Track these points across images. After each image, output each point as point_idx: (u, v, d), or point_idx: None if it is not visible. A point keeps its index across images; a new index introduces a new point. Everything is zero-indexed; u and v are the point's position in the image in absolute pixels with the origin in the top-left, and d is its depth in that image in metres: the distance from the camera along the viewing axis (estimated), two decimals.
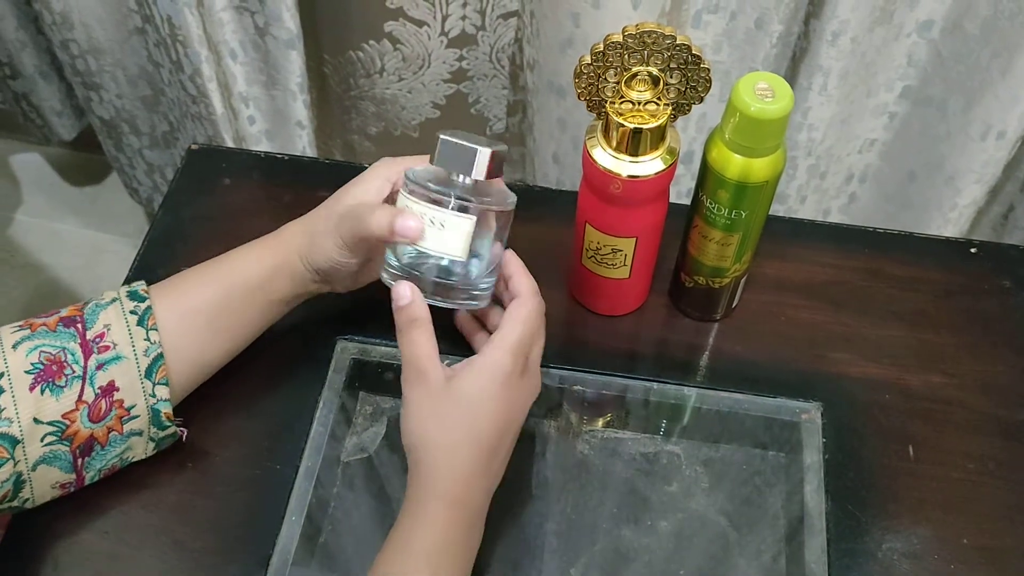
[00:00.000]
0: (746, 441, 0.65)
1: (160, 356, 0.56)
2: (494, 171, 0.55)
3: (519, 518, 0.61)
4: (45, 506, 0.57)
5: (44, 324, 0.56)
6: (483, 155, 0.54)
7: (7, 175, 1.60)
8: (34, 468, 0.54)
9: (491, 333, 0.58)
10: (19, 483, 0.54)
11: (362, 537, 0.61)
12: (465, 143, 0.54)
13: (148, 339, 0.56)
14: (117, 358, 0.55)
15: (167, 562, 0.58)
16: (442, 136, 0.54)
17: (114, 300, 0.57)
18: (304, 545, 0.59)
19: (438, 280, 0.55)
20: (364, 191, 0.60)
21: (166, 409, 0.57)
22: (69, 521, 0.59)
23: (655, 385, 0.67)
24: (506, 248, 0.58)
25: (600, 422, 0.66)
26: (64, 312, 0.57)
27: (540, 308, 0.57)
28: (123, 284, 0.70)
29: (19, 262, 1.52)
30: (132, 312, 0.57)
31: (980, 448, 0.63)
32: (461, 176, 0.55)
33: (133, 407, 0.56)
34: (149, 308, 0.57)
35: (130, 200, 1.47)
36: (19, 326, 0.56)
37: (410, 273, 0.55)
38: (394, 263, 0.56)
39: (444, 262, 0.55)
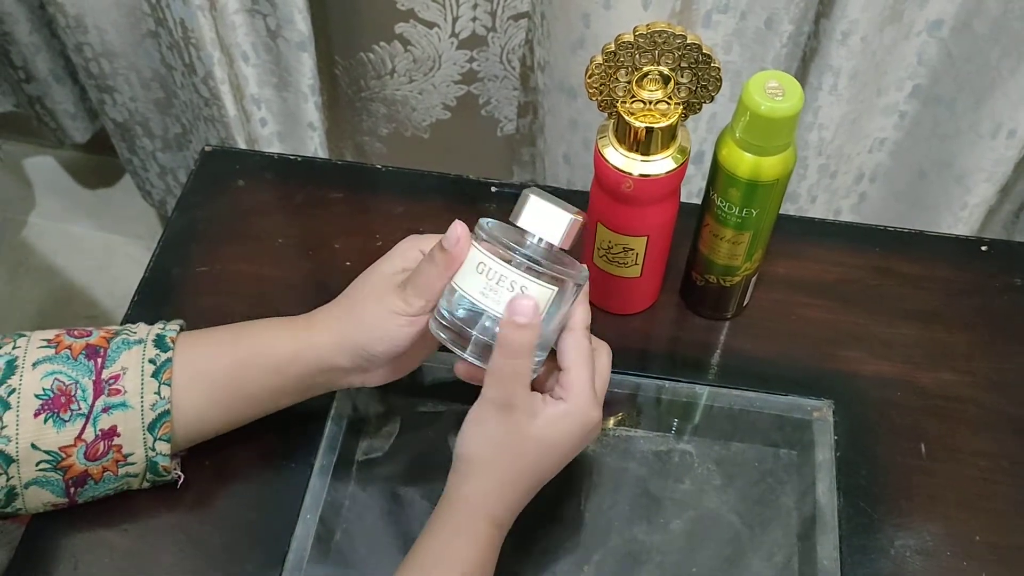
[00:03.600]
0: (758, 439, 0.65)
1: (166, 413, 0.55)
2: (574, 240, 0.52)
3: (530, 517, 0.61)
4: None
5: (70, 348, 0.55)
6: (573, 223, 0.51)
7: (21, 178, 1.61)
8: (26, 487, 0.54)
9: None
10: (11, 495, 0.54)
11: (376, 536, 0.61)
12: (553, 205, 0.51)
13: (159, 393, 0.55)
14: (123, 405, 0.55)
15: (185, 559, 0.59)
16: (531, 194, 0.51)
17: (140, 342, 0.56)
18: (319, 543, 0.60)
19: (490, 342, 0.51)
20: (401, 261, 0.56)
21: (164, 463, 0.56)
22: (89, 518, 0.59)
23: (667, 383, 0.67)
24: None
25: (612, 421, 0.66)
26: (94, 338, 0.56)
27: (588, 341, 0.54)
28: (137, 289, 0.71)
29: (33, 264, 1.53)
30: (151, 361, 0.56)
31: (992, 445, 0.63)
32: (539, 239, 0.51)
33: (131, 455, 0.55)
34: (169, 361, 0.56)
35: (143, 202, 1.48)
36: (48, 341, 0.56)
37: (462, 330, 0.51)
38: (446, 315, 0.52)
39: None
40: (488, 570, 0.53)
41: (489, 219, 0.53)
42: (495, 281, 0.50)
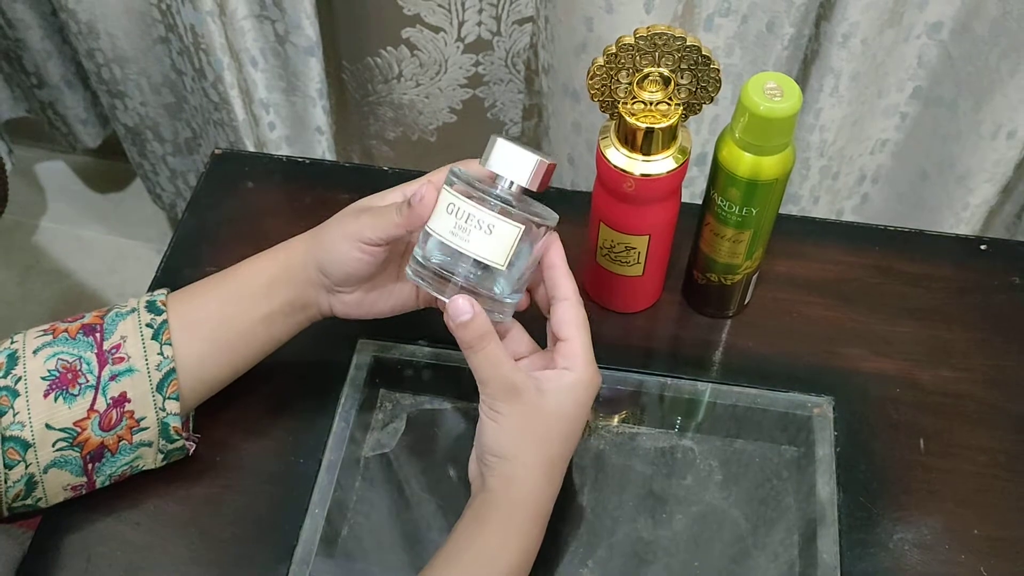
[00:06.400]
0: (759, 435, 0.66)
1: (172, 371, 0.56)
2: (544, 183, 0.53)
3: None
4: (79, 500, 0.59)
5: (66, 330, 0.57)
6: (540, 164, 0.52)
7: (33, 183, 1.63)
8: (45, 471, 0.55)
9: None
10: (31, 484, 0.55)
11: (382, 530, 0.62)
12: (521, 148, 0.52)
13: (161, 353, 0.56)
14: (130, 371, 0.56)
15: (196, 552, 0.60)
16: (498, 138, 0.52)
17: (133, 311, 0.58)
18: (327, 537, 0.61)
19: (465, 287, 0.52)
20: (381, 197, 0.58)
21: (175, 423, 0.58)
22: (103, 513, 0.60)
23: (669, 381, 0.68)
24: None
25: (615, 418, 0.67)
26: (87, 319, 0.58)
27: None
28: (148, 289, 0.72)
29: (45, 268, 1.54)
30: (148, 325, 0.57)
31: (990, 441, 0.64)
32: (510, 182, 0.52)
33: (143, 419, 0.57)
34: (165, 322, 0.57)
35: (153, 206, 1.49)
36: (43, 331, 0.57)
37: (439, 272, 0.53)
38: (422, 260, 0.53)
39: (476, 269, 0.52)
40: (530, 566, 0.54)
41: (462, 167, 0.54)
42: (464, 220, 0.51)
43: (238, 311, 0.59)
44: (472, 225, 0.51)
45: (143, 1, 1.08)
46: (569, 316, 0.54)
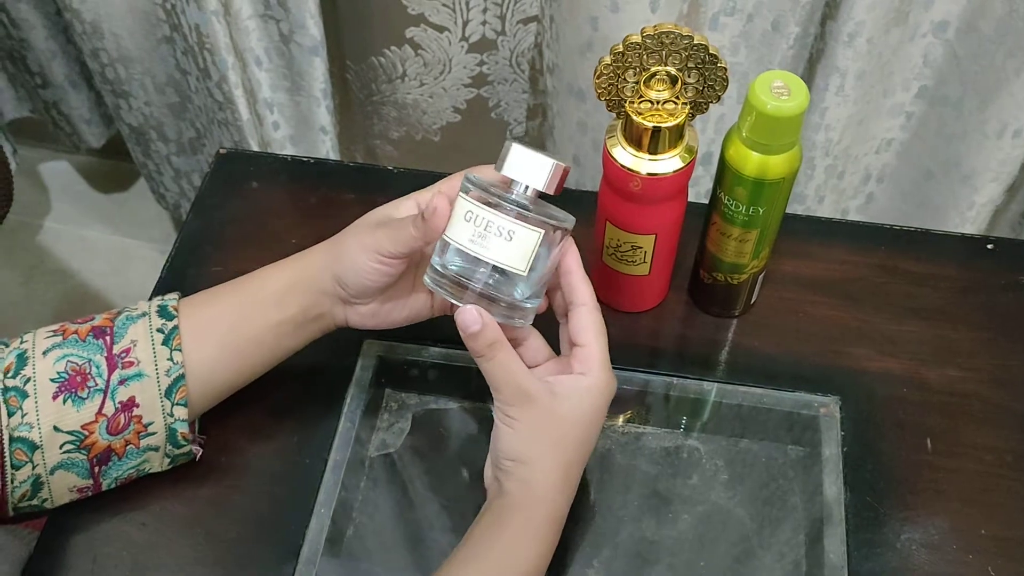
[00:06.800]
0: (765, 435, 0.66)
1: (181, 377, 0.56)
2: (560, 187, 0.53)
3: None
4: (85, 501, 0.59)
5: (76, 332, 0.57)
6: (557, 168, 0.52)
7: (37, 183, 1.63)
8: (52, 472, 0.55)
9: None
10: (37, 485, 0.55)
11: (388, 530, 0.62)
12: (536, 152, 0.52)
13: (171, 359, 0.56)
14: (139, 375, 0.56)
15: (202, 552, 0.60)
16: (513, 143, 0.52)
17: (144, 315, 0.58)
18: (332, 537, 0.61)
19: (484, 293, 0.52)
20: (395, 207, 0.58)
21: (183, 429, 0.57)
22: (108, 514, 0.60)
23: (675, 380, 0.68)
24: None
25: (621, 418, 0.67)
26: (97, 320, 0.58)
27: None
28: (154, 289, 0.72)
29: (49, 268, 1.54)
30: (159, 330, 0.57)
31: (997, 441, 0.64)
32: (526, 186, 0.53)
33: (151, 424, 0.56)
34: (176, 328, 0.57)
35: (157, 206, 1.49)
36: (53, 331, 0.57)
37: (457, 280, 0.53)
38: (440, 269, 0.53)
39: (495, 275, 0.52)
40: (547, 566, 0.54)
41: (476, 173, 0.55)
42: (483, 227, 0.51)
43: (251, 318, 0.58)
44: (491, 232, 0.51)
45: (147, 1, 1.08)
46: (587, 322, 0.55)
